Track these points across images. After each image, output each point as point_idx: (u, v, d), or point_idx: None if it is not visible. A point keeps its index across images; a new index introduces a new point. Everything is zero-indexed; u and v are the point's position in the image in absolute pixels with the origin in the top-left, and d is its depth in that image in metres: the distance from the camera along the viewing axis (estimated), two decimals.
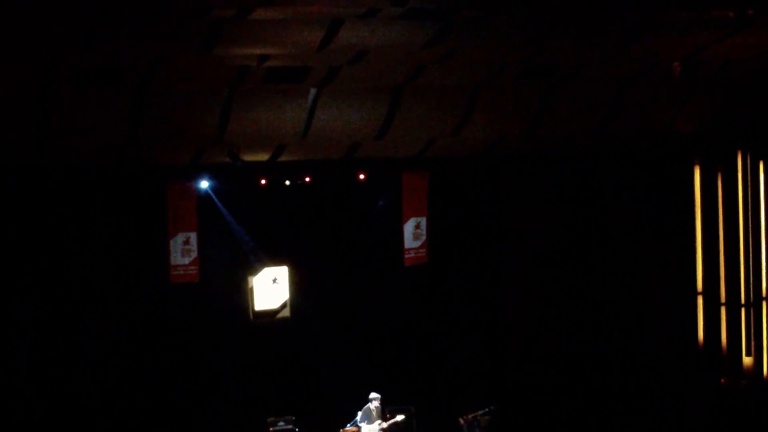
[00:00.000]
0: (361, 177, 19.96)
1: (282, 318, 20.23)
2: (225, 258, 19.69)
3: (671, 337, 20.98)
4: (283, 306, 20.22)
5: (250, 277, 20.02)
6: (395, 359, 20.64)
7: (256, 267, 20.01)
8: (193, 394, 19.48)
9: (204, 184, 18.98)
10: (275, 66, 15.94)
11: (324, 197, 20.13)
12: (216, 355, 19.67)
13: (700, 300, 20.93)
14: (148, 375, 19.24)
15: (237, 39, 14.67)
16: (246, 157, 18.16)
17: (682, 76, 18.13)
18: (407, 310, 20.77)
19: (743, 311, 20.46)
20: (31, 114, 15.83)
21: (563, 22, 15.33)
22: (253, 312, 20.07)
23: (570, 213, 21.38)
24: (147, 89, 15.92)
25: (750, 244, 20.29)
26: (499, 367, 21.38)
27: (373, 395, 19.00)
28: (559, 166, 21.13)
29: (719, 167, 20.61)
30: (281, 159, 18.58)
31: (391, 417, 19.15)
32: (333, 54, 15.51)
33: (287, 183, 19.67)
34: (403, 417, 19.24)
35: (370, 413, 18.96)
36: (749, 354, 20.47)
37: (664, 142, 20.28)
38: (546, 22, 15.27)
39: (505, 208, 21.42)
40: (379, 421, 18.98)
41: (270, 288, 20.12)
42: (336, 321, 20.38)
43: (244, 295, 20.05)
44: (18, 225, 18.27)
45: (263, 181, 19.40)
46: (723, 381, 20.62)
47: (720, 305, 20.72)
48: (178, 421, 19.33)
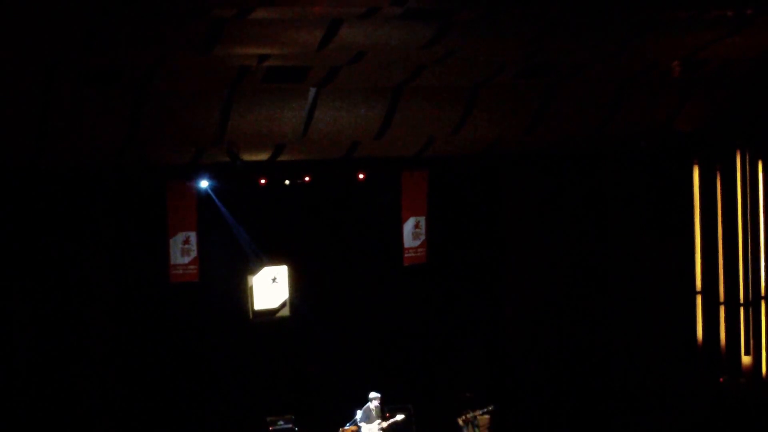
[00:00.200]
0: (361, 176, 19.97)
1: (281, 317, 20.23)
2: (224, 257, 19.69)
3: (670, 336, 20.99)
4: (283, 305, 20.22)
5: (249, 277, 20.02)
6: (395, 359, 20.63)
7: (255, 266, 20.02)
8: (193, 393, 19.49)
9: (204, 183, 18.97)
10: (275, 66, 15.95)
11: (323, 197, 20.13)
12: (216, 355, 19.68)
13: (699, 299, 20.98)
14: (147, 374, 19.26)
15: (237, 39, 14.67)
16: (246, 157, 18.13)
17: (681, 75, 18.13)
18: (406, 309, 20.76)
19: (742, 310, 20.47)
20: (32, 114, 15.82)
21: (563, 21, 15.32)
22: (253, 311, 20.07)
23: (569, 212, 21.38)
24: (147, 89, 15.92)
25: (749, 243, 20.29)
26: (499, 367, 21.39)
27: (373, 394, 19.01)
28: (559, 165, 21.14)
29: (718, 167, 20.63)
30: (281, 159, 18.58)
31: (391, 416, 19.15)
32: (333, 54, 15.51)
33: (287, 182, 19.67)
34: (403, 416, 19.23)
35: (369, 412, 18.96)
36: (748, 353, 20.47)
37: (663, 141, 20.28)
38: (545, 21, 15.26)
39: (505, 207, 21.42)
40: (379, 421, 18.98)
41: (269, 287, 20.11)
42: (335, 320, 20.39)
43: (243, 295, 20.04)
44: (18, 225, 18.27)
45: (263, 181, 19.41)
46: (722, 380, 20.62)
47: (719, 304, 20.75)
48: (178, 421, 19.34)
